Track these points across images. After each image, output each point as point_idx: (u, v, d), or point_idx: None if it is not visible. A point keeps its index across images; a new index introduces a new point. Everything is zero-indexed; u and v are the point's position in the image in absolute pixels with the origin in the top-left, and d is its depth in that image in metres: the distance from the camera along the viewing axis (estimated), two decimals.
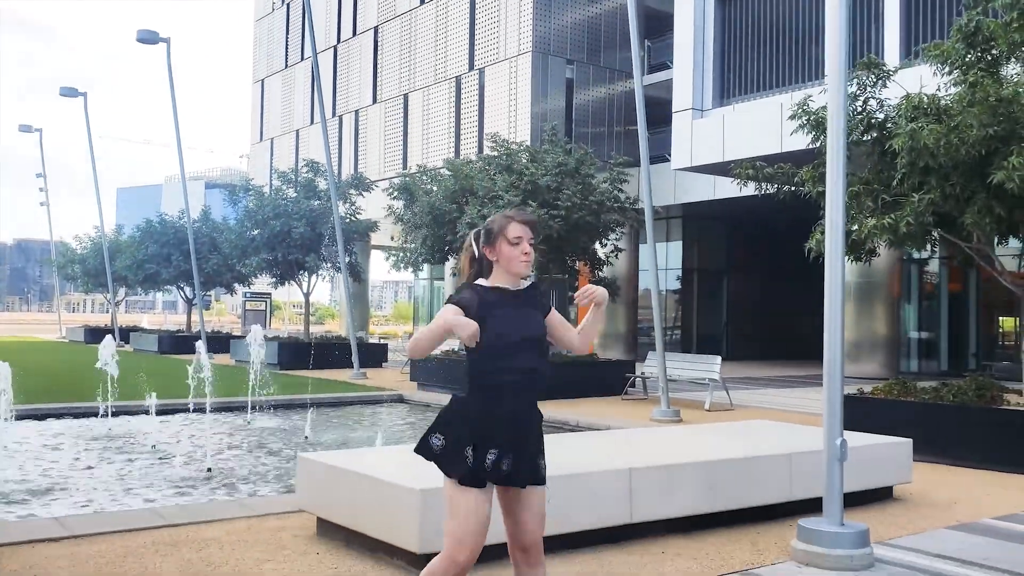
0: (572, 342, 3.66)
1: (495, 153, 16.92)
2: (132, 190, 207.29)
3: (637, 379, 16.50)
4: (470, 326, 3.32)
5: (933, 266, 22.22)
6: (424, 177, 17.46)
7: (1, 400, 9.00)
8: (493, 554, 4.51)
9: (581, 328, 3.68)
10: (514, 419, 3.48)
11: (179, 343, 29.90)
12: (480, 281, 3.62)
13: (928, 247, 10.81)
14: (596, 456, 6.27)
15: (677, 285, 29.27)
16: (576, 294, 3.72)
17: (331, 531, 5.82)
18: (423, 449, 3.55)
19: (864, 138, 9.99)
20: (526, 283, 3.65)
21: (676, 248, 29.18)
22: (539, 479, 3.55)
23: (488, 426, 3.44)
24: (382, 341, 30.79)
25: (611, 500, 5.73)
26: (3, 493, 7.72)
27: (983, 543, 6.07)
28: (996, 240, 10.36)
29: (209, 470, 9.06)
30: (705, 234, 29.10)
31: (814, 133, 10.02)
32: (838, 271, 5.64)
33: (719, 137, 19.90)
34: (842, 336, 5.63)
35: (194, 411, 12.65)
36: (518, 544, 3.58)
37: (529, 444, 3.52)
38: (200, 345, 13.36)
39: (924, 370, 21.11)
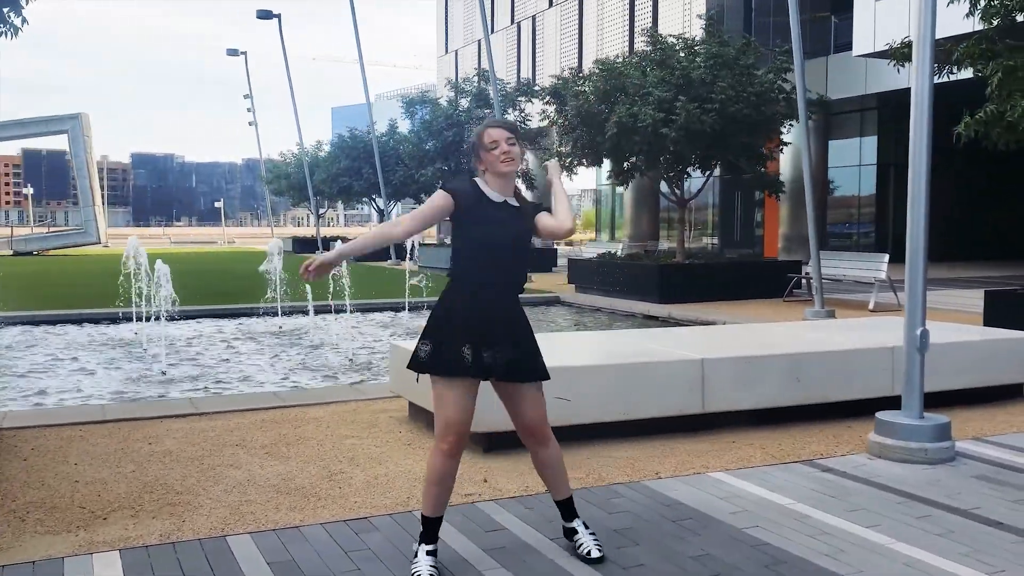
0: (556, 227, 3.66)
1: (649, 48, 16.42)
2: (345, 108, 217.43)
3: (802, 280, 15.89)
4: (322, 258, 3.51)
5: None
6: (577, 79, 17.25)
7: (161, 298, 10.05)
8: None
9: (553, 208, 3.70)
10: (486, 318, 3.52)
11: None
12: (482, 182, 3.66)
13: None
14: (675, 347, 6.25)
15: (872, 182, 27.45)
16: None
17: (419, 414, 6.21)
18: (412, 362, 3.59)
19: None
20: (521, 200, 3.69)
21: (870, 143, 27.22)
22: (520, 376, 3.58)
23: (465, 324, 3.50)
24: (554, 246, 31.09)
25: (681, 390, 5.73)
26: (169, 378, 8.74)
27: None
28: None
29: (350, 360, 9.78)
30: (903, 126, 26.88)
31: (969, 5, 9.09)
32: (924, 157, 5.25)
33: (903, 19, 18.26)
34: (925, 228, 5.25)
35: (354, 311, 13.55)
36: (522, 428, 3.71)
37: (504, 341, 3.53)
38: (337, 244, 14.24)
39: None
